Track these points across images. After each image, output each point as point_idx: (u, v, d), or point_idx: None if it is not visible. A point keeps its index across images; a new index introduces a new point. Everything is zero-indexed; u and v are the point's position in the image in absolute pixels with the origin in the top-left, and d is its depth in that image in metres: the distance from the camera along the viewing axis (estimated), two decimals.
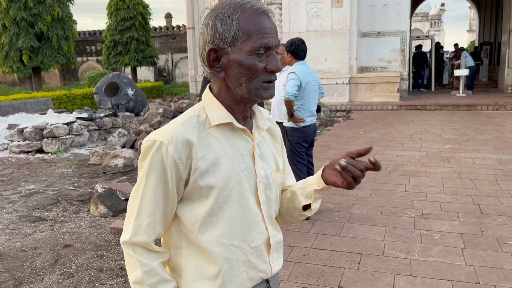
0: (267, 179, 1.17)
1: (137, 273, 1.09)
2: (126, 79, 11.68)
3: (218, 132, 1.11)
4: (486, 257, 3.30)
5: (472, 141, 7.76)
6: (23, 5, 17.26)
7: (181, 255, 1.14)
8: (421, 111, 12.21)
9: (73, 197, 5.20)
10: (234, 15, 1.05)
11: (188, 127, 1.08)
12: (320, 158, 6.62)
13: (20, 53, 17.72)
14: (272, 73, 1.10)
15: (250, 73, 1.07)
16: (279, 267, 1.25)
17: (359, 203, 4.63)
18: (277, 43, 1.10)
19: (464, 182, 5.26)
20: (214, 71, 1.10)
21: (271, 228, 1.21)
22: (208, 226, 1.10)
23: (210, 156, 1.08)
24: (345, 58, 13.38)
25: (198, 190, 1.08)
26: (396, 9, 14.25)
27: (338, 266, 3.24)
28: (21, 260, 3.53)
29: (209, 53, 1.08)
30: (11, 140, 8.43)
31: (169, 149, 1.05)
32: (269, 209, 1.20)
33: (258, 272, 1.17)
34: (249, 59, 1.06)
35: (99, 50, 27.31)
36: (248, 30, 1.05)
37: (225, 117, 1.11)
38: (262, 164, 1.17)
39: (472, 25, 57.98)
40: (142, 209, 1.09)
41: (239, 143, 1.13)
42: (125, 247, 1.11)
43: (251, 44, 1.05)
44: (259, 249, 1.17)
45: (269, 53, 1.08)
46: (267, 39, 1.06)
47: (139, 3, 21.93)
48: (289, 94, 4.12)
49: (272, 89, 1.12)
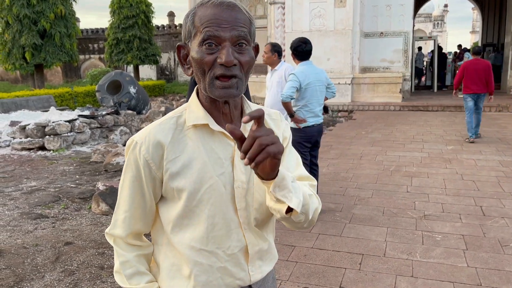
0: (247, 184, 1.10)
1: (117, 263, 1.15)
2: (128, 77, 11.68)
3: (195, 134, 1.08)
4: (488, 259, 3.29)
5: (474, 142, 7.74)
6: (26, 2, 17.27)
7: (160, 251, 1.16)
8: (424, 112, 12.19)
9: (75, 195, 5.21)
10: (193, 11, 1.04)
11: (163, 128, 1.08)
12: (322, 158, 6.61)
13: (23, 50, 17.73)
14: (225, 68, 0.99)
15: (201, 67, 1.02)
16: (261, 275, 1.18)
17: (360, 204, 4.62)
18: (235, 35, 1.00)
19: (466, 184, 5.25)
20: (184, 68, 1.09)
21: (250, 236, 1.13)
22: (180, 228, 1.10)
23: (182, 158, 1.06)
24: (348, 58, 13.36)
25: (170, 191, 1.08)
26: (399, 10, 14.23)
27: (339, 266, 3.23)
28: (22, 257, 3.53)
29: (178, 49, 1.08)
30: (13, 137, 8.44)
31: (142, 149, 1.07)
32: (249, 216, 1.12)
33: (235, 279, 1.14)
34: (199, 52, 1.01)
35: (101, 48, 27.31)
36: (198, 23, 1.01)
37: (201, 118, 1.07)
38: (243, 169, 1.09)
39: (475, 26, 57.83)
40: (120, 204, 1.14)
41: (218, 147, 1.08)
42: (108, 237, 1.17)
43: (200, 36, 1.01)
44: (236, 257, 1.12)
45: (222, 46, 1.00)
46: (214, 29, 0.99)
47: (142, 1, 21.93)
48: (284, 96, 4.11)
49: (230, 88, 1.01)
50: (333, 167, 6.21)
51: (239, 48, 1.02)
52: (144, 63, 22.62)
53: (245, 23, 1.03)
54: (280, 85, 4.71)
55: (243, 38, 1.02)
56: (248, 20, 1.04)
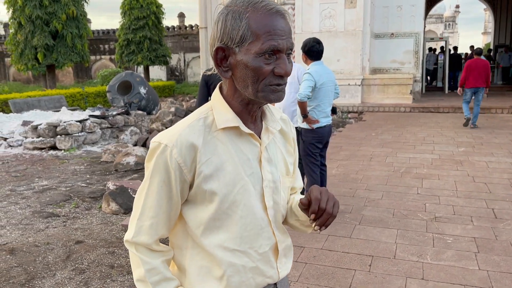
0: (274, 183, 1.14)
1: (140, 271, 1.10)
2: (138, 78, 11.75)
3: (224, 136, 1.08)
4: (500, 262, 3.25)
5: (486, 144, 7.66)
6: (38, 4, 17.49)
7: (186, 255, 1.14)
8: (434, 114, 12.09)
9: (85, 194, 5.25)
10: (244, 14, 1.00)
11: (193, 130, 1.06)
12: (331, 159, 6.58)
13: (35, 51, 17.95)
14: (280, 77, 1.04)
15: (256, 76, 1.02)
16: (287, 271, 1.23)
17: (370, 205, 4.59)
18: (289, 46, 1.03)
19: (477, 186, 5.19)
20: (221, 70, 1.06)
21: (278, 233, 1.18)
22: (212, 230, 1.09)
23: (214, 160, 1.06)
24: (358, 59, 13.31)
25: (201, 194, 1.07)
26: (410, 10, 14.13)
27: (349, 268, 3.22)
28: (34, 255, 3.57)
29: (217, 51, 1.04)
30: (25, 136, 8.54)
31: (174, 153, 1.03)
32: (276, 214, 1.17)
33: (265, 278, 1.16)
34: (256, 61, 1.00)
35: (112, 48, 27.52)
36: (257, 30, 0.99)
37: (232, 121, 1.08)
38: (269, 168, 1.13)
39: (487, 27, 57.26)
40: (145, 210, 1.09)
41: (246, 147, 1.10)
42: (128, 246, 1.12)
43: (259, 46, 1.00)
44: (267, 255, 1.15)
45: (279, 56, 1.02)
46: (276, 41, 1.00)
47: (152, 2, 22.07)
48: (302, 95, 4.08)
49: (281, 92, 1.06)
50: (343, 168, 6.19)
51: (288, 57, 1.05)
52: (154, 64, 22.75)
53: (290, 31, 1.06)
54: (293, 86, 4.67)
55: (291, 48, 1.05)
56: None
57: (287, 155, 1.23)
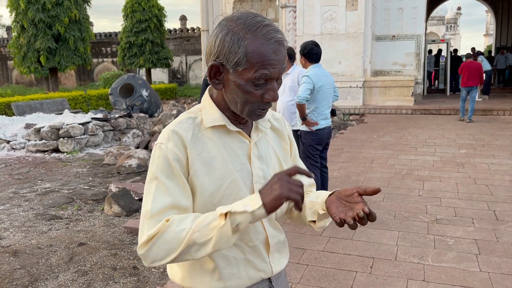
0: (265, 180, 1.16)
1: (184, 231, 1.00)
2: (140, 81, 11.80)
3: (212, 134, 1.12)
4: (501, 264, 3.25)
5: (487, 146, 7.66)
6: (41, 7, 17.59)
7: None
8: (436, 116, 12.09)
9: (88, 196, 5.27)
10: (243, 41, 1.02)
11: (182, 126, 1.11)
12: (333, 161, 6.60)
13: (37, 54, 18.04)
14: (267, 102, 1.09)
15: (245, 98, 1.07)
16: (281, 267, 1.25)
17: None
18: (281, 72, 1.07)
19: (479, 188, 5.20)
20: (214, 83, 1.10)
21: (269, 228, 1.21)
22: None
23: (204, 155, 1.10)
24: (359, 62, 13.32)
25: (193, 188, 1.10)
26: (412, 13, 14.15)
27: (350, 269, 3.23)
28: (37, 257, 3.59)
29: (212, 67, 1.08)
30: (28, 139, 8.58)
31: (169, 146, 1.08)
32: None
33: (257, 271, 1.18)
34: (247, 86, 1.05)
35: (114, 51, 27.63)
36: (253, 59, 1.02)
37: (219, 120, 1.13)
38: (260, 165, 1.17)
39: (489, 29, 57.22)
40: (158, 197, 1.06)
41: (235, 144, 1.14)
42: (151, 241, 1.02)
43: (252, 73, 1.03)
44: (257, 249, 1.18)
45: (269, 83, 1.06)
46: (269, 70, 1.04)
47: (154, 5, 22.16)
48: (300, 98, 4.11)
49: (264, 115, 1.13)
50: (344, 171, 6.20)
51: (277, 81, 1.10)
52: (156, 67, 22.83)
53: (285, 57, 1.09)
54: (293, 90, 4.69)
55: (281, 74, 1.09)
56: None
57: (281, 152, 1.26)
